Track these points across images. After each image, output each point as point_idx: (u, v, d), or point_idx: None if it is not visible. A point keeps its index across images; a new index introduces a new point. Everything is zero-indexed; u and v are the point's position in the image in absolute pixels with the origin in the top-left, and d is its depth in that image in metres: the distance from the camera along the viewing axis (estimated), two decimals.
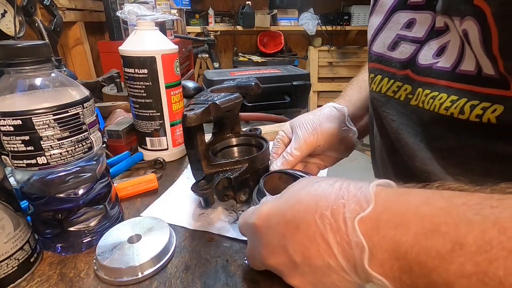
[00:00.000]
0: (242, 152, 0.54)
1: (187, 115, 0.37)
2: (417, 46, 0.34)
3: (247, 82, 0.49)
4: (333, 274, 0.24)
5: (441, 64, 0.32)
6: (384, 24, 0.37)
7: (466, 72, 0.30)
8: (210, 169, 0.43)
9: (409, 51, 0.35)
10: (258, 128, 0.57)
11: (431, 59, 0.33)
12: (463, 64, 0.30)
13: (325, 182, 0.26)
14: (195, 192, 0.40)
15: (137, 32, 0.52)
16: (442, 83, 0.31)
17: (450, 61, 0.31)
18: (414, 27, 0.34)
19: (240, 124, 0.54)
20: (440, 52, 0.32)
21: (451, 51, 0.31)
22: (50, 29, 1.05)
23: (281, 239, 0.27)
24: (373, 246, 0.22)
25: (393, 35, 0.36)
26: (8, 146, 0.30)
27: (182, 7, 1.87)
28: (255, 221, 0.29)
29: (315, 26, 3.02)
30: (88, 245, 0.37)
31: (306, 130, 0.45)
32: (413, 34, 0.34)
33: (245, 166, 0.43)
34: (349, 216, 0.23)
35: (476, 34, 0.27)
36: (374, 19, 0.38)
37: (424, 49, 0.34)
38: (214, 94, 0.45)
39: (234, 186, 0.42)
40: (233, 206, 0.45)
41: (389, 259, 0.22)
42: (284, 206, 0.28)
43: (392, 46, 0.36)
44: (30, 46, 0.30)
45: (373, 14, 0.38)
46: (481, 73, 0.29)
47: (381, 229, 0.22)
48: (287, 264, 0.27)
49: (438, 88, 0.32)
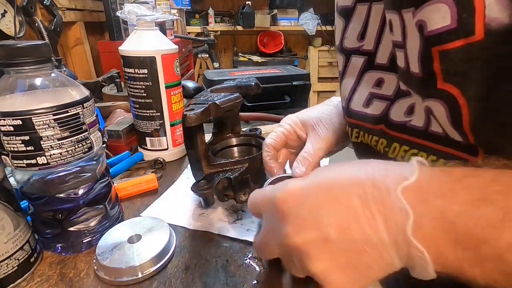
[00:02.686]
0: (242, 152, 0.54)
1: (187, 115, 0.37)
2: (387, 103, 0.35)
3: (247, 82, 0.49)
4: (369, 250, 0.22)
5: (414, 123, 0.32)
6: (358, 84, 0.38)
7: (435, 133, 0.29)
8: (210, 169, 0.43)
9: (381, 107, 0.36)
10: (258, 128, 0.57)
11: (402, 116, 0.33)
12: (432, 125, 0.30)
13: (360, 161, 0.25)
14: (195, 192, 0.40)
15: (137, 32, 0.52)
16: (418, 141, 0.31)
17: (421, 121, 0.31)
18: (383, 86, 0.35)
19: (240, 124, 0.54)
20: (411, 111, 0.32)
21: (419, 112, 0.31)
22: (50, 29, 1.05)
23: (314, 212, 0.24)
24: (417, 216, 0.21)
25: (366, 93, 0.37)
26: (8, 146, 0.30)
27: (182, 7, 1.87)
28: (281, 195, 0.26)
29: (315, 26, 3.02)
30: (88, 245, 0.37)
31: (327, 129, 0.42)
32: (383, 92, 0.36)
33: (245, 166, 0.43)
34: (393, 185, 0.22)
35: (443, 113, 0.26)
36: (348, 80, 0.40)
37: (394, 107, 0.34)
38: (214, 94, 0.45)
39: (234, 186, 0.42)
40: (233, 206, 0.45)
41: (434, 230, 0.20)
42: (317, 180, 0.26)
43: (367, 103, 0.37)
44: (30, 46, 0.30)
45: (345, 76, 0.40)
46: (448, 136, 0.28)
47: (426, 199, 0.21)
48: (317, 241, 0.24)
49: (416, 145, 0.32)
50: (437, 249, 0.21)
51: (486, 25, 0.21)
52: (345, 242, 0.23)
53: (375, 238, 0.22)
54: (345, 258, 0.23)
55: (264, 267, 0.34)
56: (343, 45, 0.39)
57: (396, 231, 0.21)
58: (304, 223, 0.25)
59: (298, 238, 0.25)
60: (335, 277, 0.24)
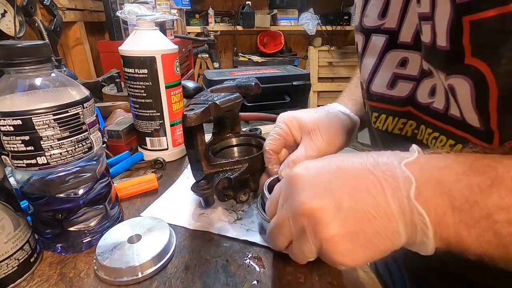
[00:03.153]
0: (242, 152, 0.54)
1: (187, 115, 0.37)
2: (413, 84, 0.34)
3: (247, 82, 0.49)
4: (378, 217, 0.24)
5: (435, 105, 0.32)
6: (379, 65, 0.37)
7: (454, 116, 0.30)
8: (210, 169, 0.43)
9: (407, 88, 0.35)
10: (258, 128, 0.57)
11: (427, 98, 0.33)
12: (451, 109, 0.30)
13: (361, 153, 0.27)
14: (195, 192, 0.40)
15: (137, 32, 0.52)
16: (439, 125, 0.32)
17: (441, 103, 0.31)
18: (408, 66, 0.34)
19: (240, 124, 0.54)
20: (433, 92, 0.32)
21: (439, 93, 0.31)
22: (50, 29, 1.05)
23: (328, 183, 0.26)
24: (419, 184, 0.23)
25: (390, 74, 0.36)
26: (8, 146, 0.30)
27: (182, 7, 1.87)
28: (296, 171, 0.28)
29: (315, 26, 3.02)
30: (88, 245, 0.37)
31: (323, 139, 0.41)
32: (408, 72, 0.35)
33: (245, 166, 0.43)
34: (397, 162, 0.24)
35: (467, 91, 0.26)
36: (368, 60, 0.38)
37: (420, 87, 0.34)
38: (214, 94, 0.45)
39: (234, 186, 0.42)
40: (233, 206, 0.45)
41: (433, 196, 0.23)
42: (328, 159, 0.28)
43: (391, 84, 0.36)
44: (30, 46, 0.30)
45: (366, 55, 0.38)
46: (465, 121, 0.28)
47: (425, 171, 0.24)
48: (330, 207, 0.25)
49: (437, 129, 0.32)
50: (436, 213, 0.23)
51: None
52: (357, 210, 0.24)
53: (384, 205, 0.24)
54: (355, 225, 0.24)
55: (264, 267, 0.35)
56: (363, 23, 0.38)
57: (401, 198, 0.23)
58: (318, 191, 0.26)
59: (312, 203, 0.26)
60: (344, 245, 0.25)
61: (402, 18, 0.33)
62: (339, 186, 0.26)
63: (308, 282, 0.33)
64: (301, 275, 0.33)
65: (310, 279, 0.33)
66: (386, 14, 0.35)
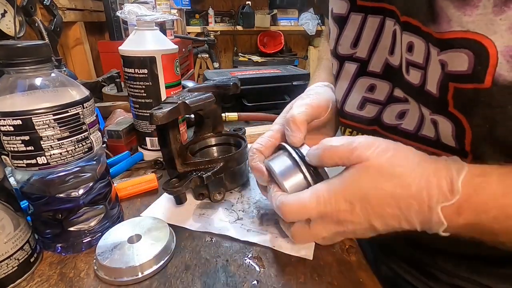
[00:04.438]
0: (221, 152, 0.54)
1: (153, 114, 0.38)
2: (380, 107, 0.39)
3: (226, 81, 0.49)
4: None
5: (404, 126, 0.37)
6: (351, 88, 0.41)
7: (427, 136, 0.34)
8: (184, 168, 0.43)
9: (374, 111, 0.40)
10: (242, 128, 0.57)
11: (394, 120, 0.38)
12: (423, 130, 0.35)
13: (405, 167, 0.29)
14: (166, 190, 0.40)
15: (137, 32, 0.52)
16: (409, 143, 0.34)
17: (412, 125, 0.36)
18: (376, 91, 0.39)
19: (223, 124, 0.55)
20: (402, 116, 0.37)
21: (411, 118, 0.36)
22: (50, 29, 1.05)
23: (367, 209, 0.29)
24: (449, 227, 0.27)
25: (360, 97, 0.41)
26: (8, 146, 0.30)
27: (182, 7, 1.87)
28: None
29: (315, 26, 3.02)
30: (88, 245, 0.37)
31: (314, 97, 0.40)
32: (375, 97, 0.39)
33: (219, 165, 0.43)
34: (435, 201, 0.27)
35: (449, 128, 0.31)
36: (341, 84, 0.42)
37: (386, 110, 0.38)
38: (188, 94, 0.46)
39: (208, 185, 0.42)
40: (233, 206, 0.45)
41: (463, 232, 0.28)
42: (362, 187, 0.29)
43: (360, 106, 0.41)
44: (30, 46, 0.30)
45: (339, 80, 0.42)
46: (440, 140, 0.33)
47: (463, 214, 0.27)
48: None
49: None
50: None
51: (494, 78, 0.26)
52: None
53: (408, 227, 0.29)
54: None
55: (264, 267, 0.35)
56: (337, 51, 0.41)
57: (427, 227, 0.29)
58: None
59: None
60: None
61: (372, 51, 0.38)
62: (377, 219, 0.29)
63: (308, 282, 0.33)
64: (301, 275, 0.33)
65: (310, 279, 0.33)
66: (357, 45, 0.39)
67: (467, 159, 0.31)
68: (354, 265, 0.35)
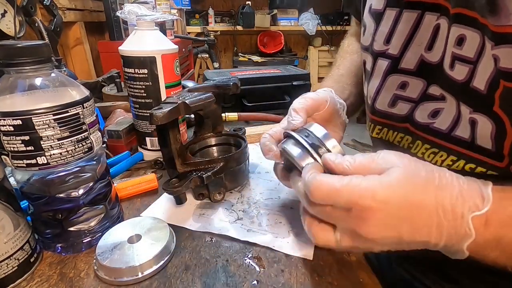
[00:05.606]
0: (221, 152, 0.54)
1: (153, 114, 0.38)
2: (412, 105, 0.38)
3: (226, 81, 0.49)
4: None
5: (437, 125, 0.36)
6: (381, 86, 0.41)
7: (460, 137, 0.33)
8: (184, 167, 0.43)
9: (406, 108, 0.39)
10: (242, 128, 0.57)
11: (426, 118, 0.37)
12: (458, 130, 0.34)
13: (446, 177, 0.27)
14: (166, 190, 0.40)
15: (137, 32, 0.52)
16: (440, 142, 0.35)
17: (445, 125, 0.35)
18: (408, 89, 0.39)
19: (223, 124, 0.55)
20: (435, 114, 0.36)
21: (445, 117, 0.35)
22: (50, 29, 1.05)
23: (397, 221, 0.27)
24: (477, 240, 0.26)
25: (390, 94, 0.40)
26: (8, 146, 0.30)
27: (182, 7, 1.87)
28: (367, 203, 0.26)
29: (315, 26, 3.02)
30: (88, 245, 0.37)
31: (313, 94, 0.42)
32: (407, 94, 0.39)
33: (219, 165, 0.43)
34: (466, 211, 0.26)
35: (489, 129, 0.30)
36: (374, 81, 0.42)
37: (419, 108, 0.38)
38: (188, 94, 0.45)
39: (208, 185, 0.42)
40: (233, 206, 0.45)
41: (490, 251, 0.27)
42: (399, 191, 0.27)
43: (391, 104, 0.41)
44: (30, 46, 0.30)
45: (373, 77, 0.42)
46: (474, 141, 0.32)
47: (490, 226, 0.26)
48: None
49: (437, 146, 0.36)
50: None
51: None
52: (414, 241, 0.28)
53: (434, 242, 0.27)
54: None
55: (264, 267, 0.34)
56: (373, 47, 0.41)
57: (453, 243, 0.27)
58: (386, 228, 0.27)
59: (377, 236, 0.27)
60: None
61: (405, 47, 0.37)
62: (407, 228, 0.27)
63: (308, 282, 0.33)
64: (301, 275, 0.33)
65: (310, 279, 0.33)
66: (390, 41, 0.39)
67: (502, 163, 0.30)
68: (354, 265, 0.35)
